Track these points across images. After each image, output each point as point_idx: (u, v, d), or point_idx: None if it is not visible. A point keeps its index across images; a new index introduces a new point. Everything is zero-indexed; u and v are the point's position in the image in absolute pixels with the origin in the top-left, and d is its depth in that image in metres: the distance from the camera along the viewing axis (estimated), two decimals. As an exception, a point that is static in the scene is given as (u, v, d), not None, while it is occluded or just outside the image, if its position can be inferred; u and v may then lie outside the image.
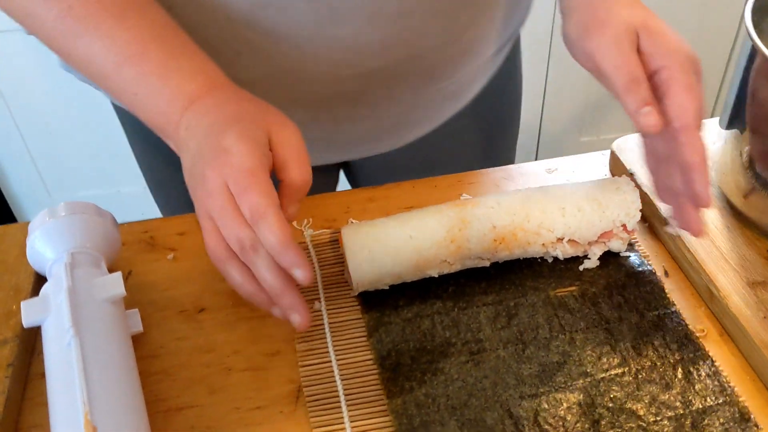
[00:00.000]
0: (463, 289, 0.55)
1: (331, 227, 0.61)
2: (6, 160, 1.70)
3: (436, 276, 0.54)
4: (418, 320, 0.53)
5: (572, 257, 0.57)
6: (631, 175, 0.61)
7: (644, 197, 0.58)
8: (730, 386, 0.48)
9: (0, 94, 1.56)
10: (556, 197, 0.54)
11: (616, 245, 0.56)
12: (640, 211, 0.55)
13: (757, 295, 0.52)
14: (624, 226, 0.55)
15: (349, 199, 0.64)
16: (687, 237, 0.56)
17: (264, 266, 0.46)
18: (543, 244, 0.55)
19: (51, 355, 0.47)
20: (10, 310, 0.53)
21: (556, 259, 0.57)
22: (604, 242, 0.56)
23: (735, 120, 0.56)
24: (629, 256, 0.57)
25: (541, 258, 0.57)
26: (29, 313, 0.49)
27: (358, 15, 0.57)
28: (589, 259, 0.56)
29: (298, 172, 0.49)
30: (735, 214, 0.58)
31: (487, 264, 0.55)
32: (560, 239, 0.54)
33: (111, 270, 0.56)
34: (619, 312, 0.53)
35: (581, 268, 0.56)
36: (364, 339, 0.53)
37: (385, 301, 0.54)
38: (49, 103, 1.56)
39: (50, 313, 0.49)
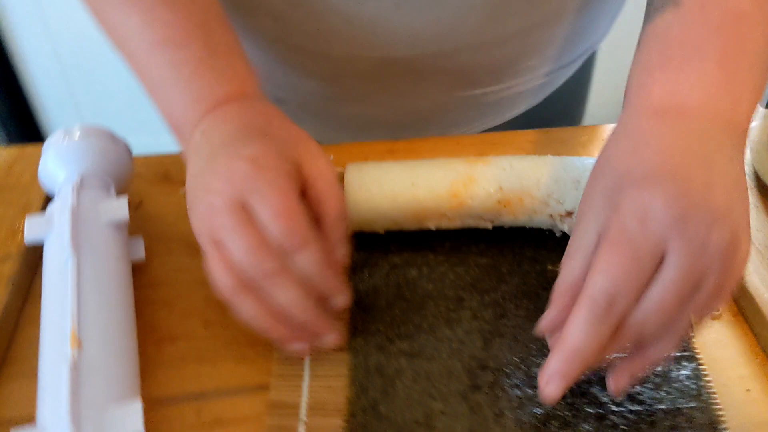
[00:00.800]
0: (459, 246, 0.53)
1: (346, 172, 0.60)
2: (46, 96, 1.73)
3: (434, 229, 0.53)
4: (405, 268, 0.52)
5: None
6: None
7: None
8: (708, 392, 0.45)
9: (48, 35, 1.58)
10: (573, 168, 0.51)
11: None
12: None
13: (777, 281, 0.49)
14: None
15: (370, 149, 0.62)
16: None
17: (293, 296, 0.41)
18: (551, 216, 0.52)
19: (48, 272, 0.47)
20: (16, 228, 0.53)
21: (563, 234, 0.54)
22: None
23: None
24: None
25: (549, 230, 0.54)
26: (32, 229, 0.49)
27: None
28: None
29: (338, 208, 0.44)
30: (765, 194, 0.55)
31: (489, 226, 0.53)
32: (569, 213, 0.51)
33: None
34: None
35: None
36: (348, 276, 0.52)
37: (377, 244, 0.53)
38: (96, 44, 1.58)
39: (53, 230, 0.49)
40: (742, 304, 0.50)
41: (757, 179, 0.56)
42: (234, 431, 0.44)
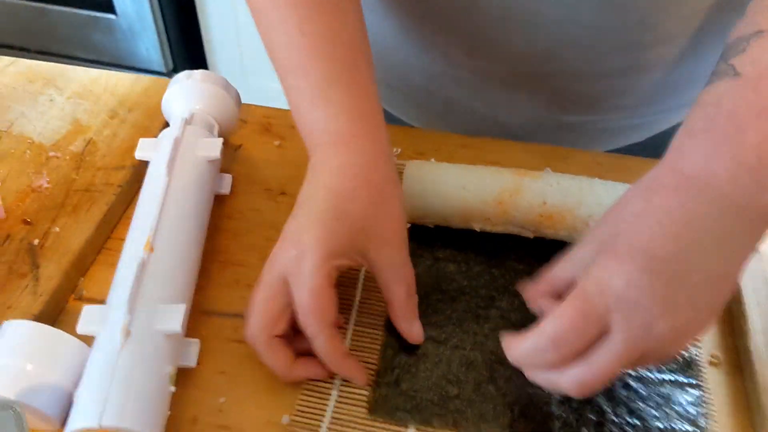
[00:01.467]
0: (499, 251, 0.58)
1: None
2: (218, 44, 1.88)
3: (478, 230, 0.58)
4: (446, 262, 0.57)
5: None
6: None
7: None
8: (706, 420, 0.48)
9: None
10: (616, 194, 0.54)
11: None
12: None
13: (784, 340, 0.51)
14: None
15: (443, 140, 0.68)
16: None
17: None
18: None
19: (146, 186, 0.57)
20: (134, 145, 0.63)
21: None
22: None
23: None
24: None
25: None
26: (143, 148, 0.60)
27: (491, 8, 0.59)
28: None
29: (402, 295, 0.50)
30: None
31: (530, 235, 0.57)
32: None
33: (224, 138, 0.65)
34: None
35: None
36: None
37: (425, 237, 0.59)
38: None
39: (158, 153, 0.59)
40: (742, 358, 0.52)
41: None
42: (258, 351, 0.53)
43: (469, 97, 0.70)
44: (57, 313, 0.54)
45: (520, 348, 0.44)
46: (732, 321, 0.54)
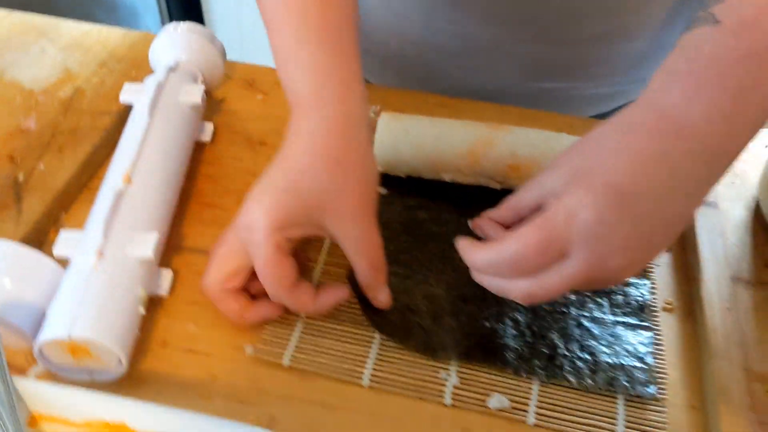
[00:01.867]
0: (470, 201, 0.59)
1: (396, 117, 0.68)
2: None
3: (448, 180, 0.60)
4: (417, 210, 0.59)
5: None
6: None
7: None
8: (655, 359, 0.50)
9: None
10: None
11: None
12: None
13: (734, 288, 0.53)
14: None
15: (422, 99, 0.70)
16: (701, 222, 0.57)
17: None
18: None
19: (128, 127, 0.59)
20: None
21: None
22: None
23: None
24: None
25: None
26: (127, 91, 0.62)
27: None
28: None
29: (364, 266, 0.50)
30: (759, 217, 0.58)
31: (498, 187, 0.59)
32: None
33: (207, 92, 0.67)
34: None
35: None
36: None
37: (398, 186, 0.61)
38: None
39: (141, 96, 0.61)
40: (695, 306, 0.54)
41: (757, 201, 0.59)
42: (229, 285, 0.55)
43: (447, 63, 0.72)
44: (38, 244, 0.56)
45: (477, 256, 0.45)
46: (687, 270, 0.56)
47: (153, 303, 0.53)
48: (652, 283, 0.55)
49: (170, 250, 0.56)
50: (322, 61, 0.50)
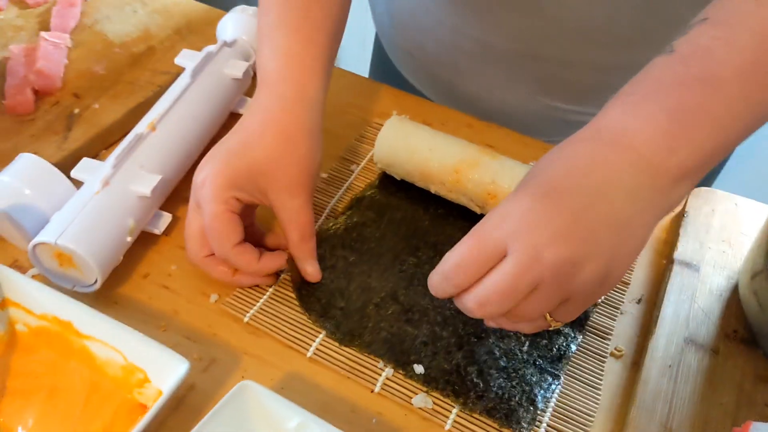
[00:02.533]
0: (447, 216, 0.62)
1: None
2: None
3: (433, 192, 0.62)
4: (395, 210, 0.63)
5: None
6: (682, 215, 0.62)
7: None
8: (546, 403, 0.51)
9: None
10: None
11: None
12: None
13: (683, 348, 0.53)
14: None
15: (451, 116, 0.73)
16: (675, 281, 0.57)
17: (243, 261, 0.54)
18: None
19: (173, 85, 0.66)
20: (182, 56, 0.73)
21: None
22: None
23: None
24: None
25: None
26: (183, 56, 0.69)
27: None
28: None
29: (294, 238, 0.55)
30: (736, 289, 0.57)
31: (477, 211, 0.61)
32: None
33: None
34: None
35: None
36: (359, 196, 0.65)
37: (392, 187, 0.65)
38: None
39: (192, 62, 0.68)
40: (642, 357, 0.54)
41: (738, 274, 0.58)
42: (218, 239, 0.60)
43: (471, 71, 0.75)
44: (70, 169, 0.64)
45: (432, 279, 0.47)
46: (648, 324, 0.56)
47: (148, 239, 0.60)
48: (584, 338, 0.55)
49: (179, 199, 0.63)
50: (291, 45, 0.56)
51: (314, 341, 0.54)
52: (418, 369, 0.52)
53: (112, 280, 0.56)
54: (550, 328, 0.47)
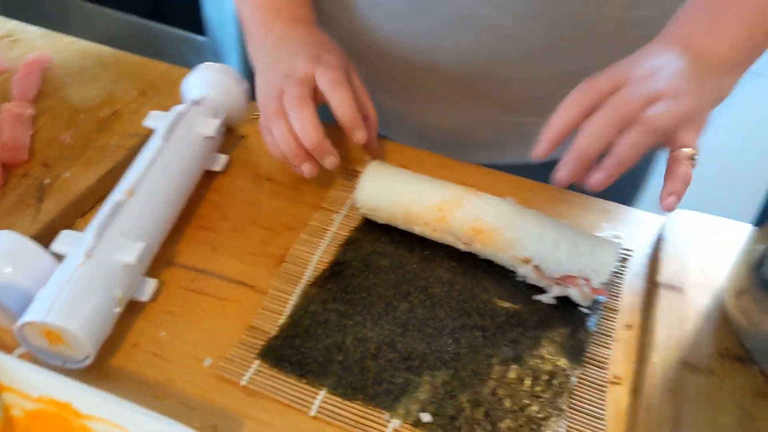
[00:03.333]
0: (434, 257, 0.63)
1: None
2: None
3: (418, 233, 0.63)
4: (381, 256, 0.63)
5: (538, 286, 0.60)
6: (661, 240, 0.64)
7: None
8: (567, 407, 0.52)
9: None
10: (544, 224, 0.59)
11: (575, 294, 0.58)
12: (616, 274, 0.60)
13: (680, 372, 0.54)
14: (587, 279, 0.57)
15: (425, 158, 0.74)
16: (663, 304, 0.58)
17: (311, 121, 0.62)
18: (513, 257, 0.59)
19: (145, 149, 0.65)
20: (150, 118, 0.72)
21: (522, 281, 0.61)
22: (565, 286, 0.58)
23: (761, 220, 0.57)
24: (586, 312, 0.59)
25: (513, 273, 0.61)
26: (151, 117, 0.69)
27: (442, 12, 0.67)
28: (546, 293, 0.60)
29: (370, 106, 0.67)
30: (723, 308, 0.59)
31: (463, 248, 0.62)
32: (528, 260, 0.59)
33: (231, 128, 0.74)
34: (533, 343, 0.57)
35: (535, 297, 0.60)
36: (345, 246, 0.64)
37: (374, 232, 0.65)
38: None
39: (162, 123, 0.67)
40: (638, 382, 0.55)
41: (722, 292, 0.60)
42: (207, 300, 0.60)
43: (422, 98, 0.77)
44: (48, 242, 0.62)
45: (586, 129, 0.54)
46: (642, 348, 0.57)
47: (135, 307, 0.58)
48: (583, 371, 0.56)
49: (162, 263, 0.62)
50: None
51: (316, 398, 0.53)
52: (425, 417, 0.52)
53: (102, 352, 0.54)
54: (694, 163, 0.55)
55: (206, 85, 0.72)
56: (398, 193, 0.62)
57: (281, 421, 0.52)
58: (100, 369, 0.54)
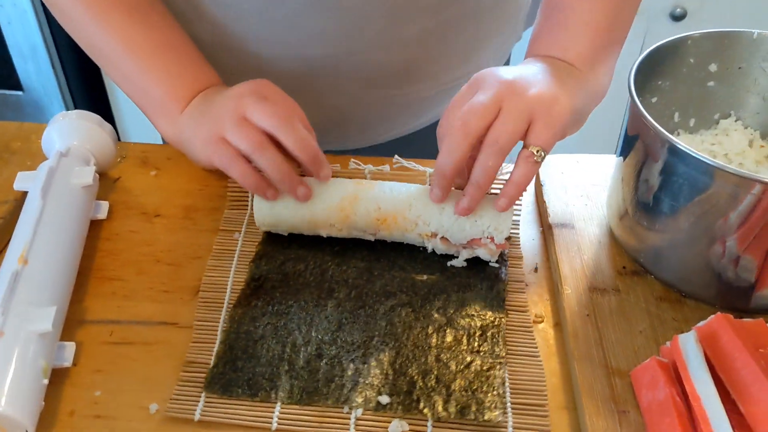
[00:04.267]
0: (345, 251, 0.65)
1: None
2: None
3: (325, 236, 0.65)
4: (296, 261, 0.64)
5: (448, 254, 0.64)
6: (540, 185, 0.69)
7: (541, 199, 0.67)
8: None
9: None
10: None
11: (483, 254, 0.63)
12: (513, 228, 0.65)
13: (591, 297, 0.59)
14: (492, 238, 0.61)
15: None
16: (560, 242, 0.64)
17: (278, 160, 0.61)
18: (420, 234, 0.63)
19: (24, 212, 0.62)
20: (16, 181, 0.69)
21: (432, 251, 0.65)
22: (473, 248, 0.63)
23: (624, 151, 0.63)
24: (497, 267, 0.64)
25: (423, 247, 0.65)
26: (21, 180, 0.65)
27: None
28: (456, 258, 0.64)
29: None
30: (610, 232, 0.65)
31: (371, 238, 0.64)
32: (434, 234, 0.62)
33: (102, 173, 0.71)
34: (459, 306, 0.60)
35: (449, 263, 0.64)
36: (256, 262, 0.65)
37: (281, 242, 0.66)
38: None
39: (35, 182, 0.64)
40: (559, 315, 0.60)
41: (607, 219, 0.66)
42: (133, 348, 0.58)
43: (295, 89, 0.75)
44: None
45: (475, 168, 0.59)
46: (552, 286, 0.63)
47: (59, 374, 0.56)
48: (507, 318, 0.60)
49: (73, 324, 0.59)
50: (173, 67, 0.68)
51: (273, 413, 0.54)
52: (384, 400, 0.54)
53: (40, 429, 0.52)
54: (538, 159, 0.58)
55: (69, 134, 0.69)
56: (298, 205, 0.63)
57: (248, 440, 0.52)
58: (41, 447, 0.52)
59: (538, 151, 0.58)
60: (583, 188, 0.70)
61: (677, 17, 1.57)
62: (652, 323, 0.58)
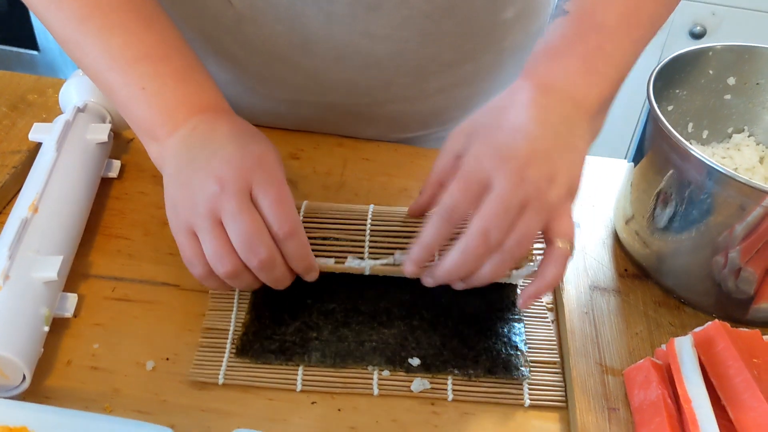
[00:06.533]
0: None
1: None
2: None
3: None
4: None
5: None
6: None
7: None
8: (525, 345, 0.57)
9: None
10: None
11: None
12: None
13: (591, 295, 0.60)
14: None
15: (321, 140, 0.76)
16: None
17: (282, 273, 0.53)
18: None
19: (37, 162, 0.63)
20: (31, 132, 0.69)
21: None
22: None
23: (636, 157, 0.64)
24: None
25: None
26: (37, 131, 0.66)
27: (327, 51, 0.67)
28: None
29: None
30: (615, 235, 0.66)
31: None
32: None
33: (117, 133, 0.72)
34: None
35: None
36: None
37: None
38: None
39: (50, 135, 0.64)
40: (558, 309, 0.60)
41: (614, 223, 0.67)
42: (135, 306, 0.59)
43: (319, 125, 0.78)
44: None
45: (425, 230, 0.51)
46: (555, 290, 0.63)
47: (59, 324, 0.56)
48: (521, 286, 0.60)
49: (77, 277, 0.60)
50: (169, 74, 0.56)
51: (297, 375, 0.55)
52: (415, 362, 0.55)
53: (36, 376, 0.52)
54: (569, 256, 0.53)
55: (86, 91, 0.69)
56: None
57: (235, 407, 0.53)
58: (37, 392, 0.52)
59: (563, 243, 0.52)
60: (594, 191, 0.70)
61: (696, 35, 1.58)
62: (649, 326, 0.58)
